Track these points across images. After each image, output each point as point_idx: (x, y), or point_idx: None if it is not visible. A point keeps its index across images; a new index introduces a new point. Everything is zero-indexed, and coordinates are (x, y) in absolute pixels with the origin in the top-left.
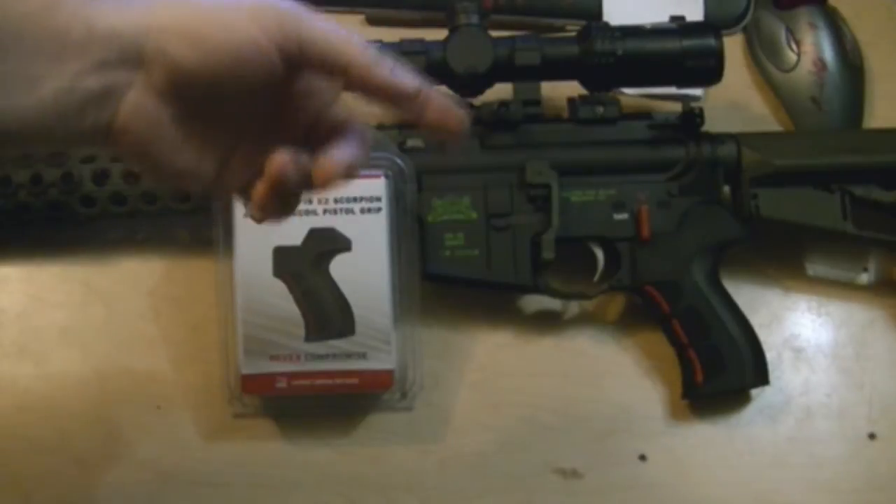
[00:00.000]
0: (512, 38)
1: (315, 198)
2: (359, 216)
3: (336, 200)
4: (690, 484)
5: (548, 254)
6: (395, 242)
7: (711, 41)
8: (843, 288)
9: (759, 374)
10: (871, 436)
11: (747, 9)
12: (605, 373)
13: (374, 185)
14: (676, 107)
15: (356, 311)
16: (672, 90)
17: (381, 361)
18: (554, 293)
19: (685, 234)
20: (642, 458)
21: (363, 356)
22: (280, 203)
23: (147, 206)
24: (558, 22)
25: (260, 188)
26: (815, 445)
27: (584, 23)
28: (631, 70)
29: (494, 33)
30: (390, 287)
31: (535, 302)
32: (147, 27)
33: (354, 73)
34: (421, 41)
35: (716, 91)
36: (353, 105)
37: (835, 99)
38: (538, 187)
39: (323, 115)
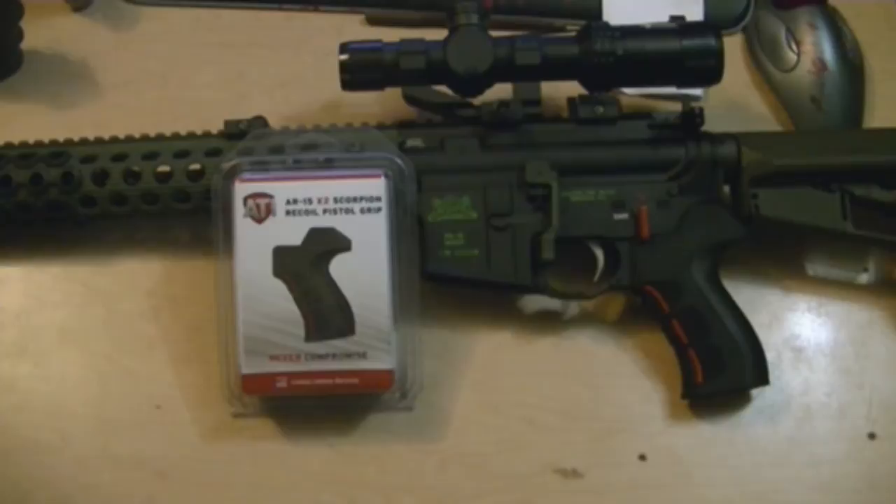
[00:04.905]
0: (512, 38)
1: (315, 198)
2: (359, 216)
3: (336, 200)
4: (690, 484)
5: (547, 254)
6: (395, 242)
7: (711, 41)
8: (842, 288)
9: (759, 374)
10: (871, 435)
11: (747, 9)
12: (605, 373)
13: (374, 185)
14: (676, 107)
15: (356, 311)
16: (672, 90)
17: (381, 361)
18: (554, 293)
19: (685, 234)
20: (642, 458)
21: (363, 356)
22: None
23: (147, 206)
24: (558, 22)
25: None
26: (815, 445)
27: (584, 23)
28: (631, 70)
29: (494, 33)
30: (390, 287)
31: (535, 302)
32: None
33: None
34: (421, 41)
35: (716, 91)
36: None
37: (835, 99)
38: (538, 187)
39: None
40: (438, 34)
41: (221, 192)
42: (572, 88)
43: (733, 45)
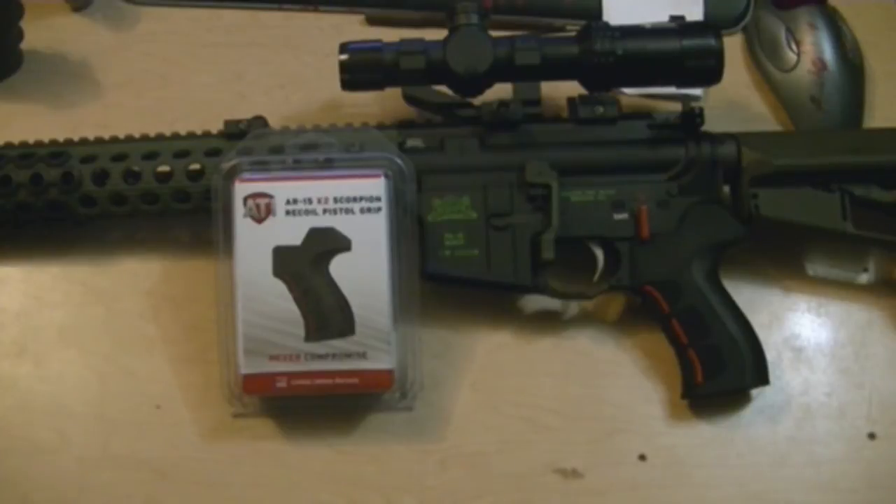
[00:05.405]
0: (512, 38)
1: (315, 198)
2: (359, 216)
3: (336, 200)
4: (690, 484)
5: (547, 254)
6: (395, 242)
7: (711, 41)
8: (842, 288)
9: (759, 374)
10: (871, 435)
11: (747, 9)
12: (605, 373)
13: (374, 185)
14: (676, 107)
15: (356, 311)
16: (672, 90)
17: (381, 361)
18: (554, 293)
19: (685, 234)
20: (642, 458)
21: (363, 356)
22: None
23: (147, 206)
24: (558, 22)
25: None
26: (815, 445)
27: (584, 23)
28: (631, 70)
29: (494, 33)
30: (390, 287)
31: (535, 302)
32: None
33: None
34: (421, 41)
35: (716, 91)
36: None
37: (835, 99)
38: (538, 187)
39: None
40: (438, 34)
41: (221, 192)
42: (572, 88)
43: (733, 45)
